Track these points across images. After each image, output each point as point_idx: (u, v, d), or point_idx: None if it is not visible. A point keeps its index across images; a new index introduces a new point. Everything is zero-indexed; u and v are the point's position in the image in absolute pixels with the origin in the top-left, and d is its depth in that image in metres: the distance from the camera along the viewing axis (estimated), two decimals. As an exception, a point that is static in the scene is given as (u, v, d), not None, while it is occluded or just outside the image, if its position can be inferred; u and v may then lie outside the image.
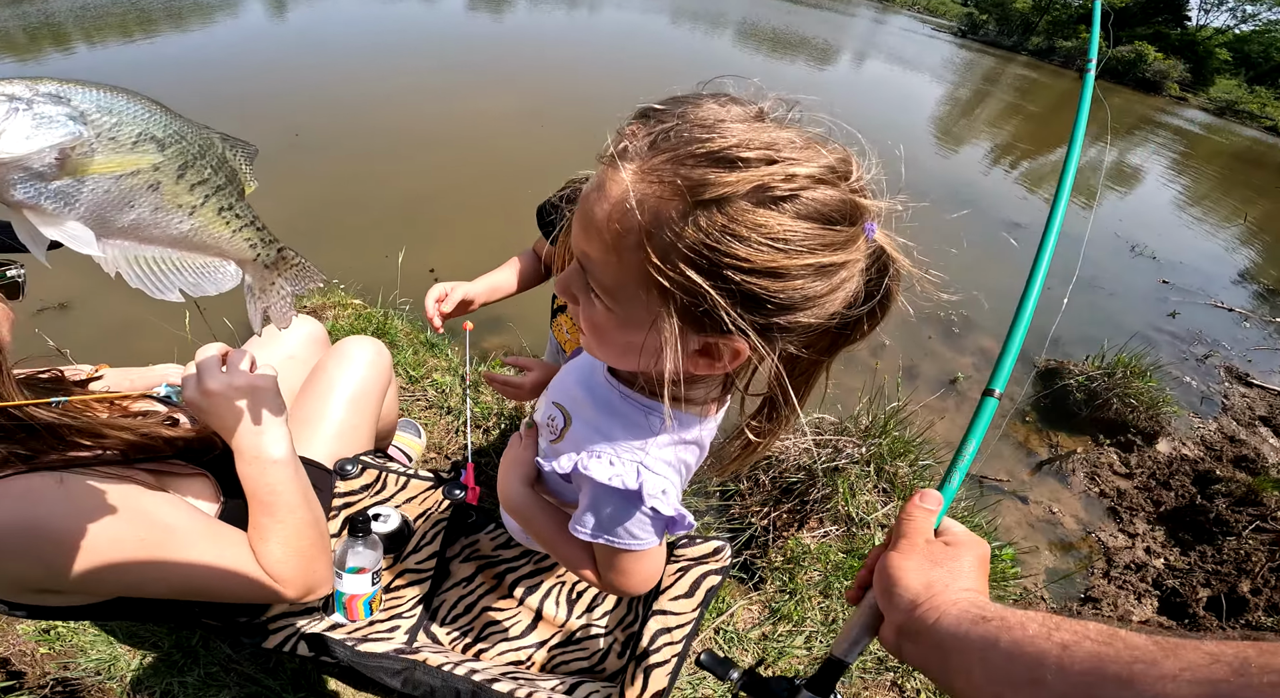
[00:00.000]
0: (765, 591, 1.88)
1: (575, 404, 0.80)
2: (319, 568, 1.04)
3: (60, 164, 0.44)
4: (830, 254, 0.53)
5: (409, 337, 2.54)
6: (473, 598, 1.33)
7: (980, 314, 3.96)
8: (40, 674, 1.54)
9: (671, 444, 0.73)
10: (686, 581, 1.24)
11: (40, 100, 0.43)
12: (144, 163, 0.48)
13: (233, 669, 1.55)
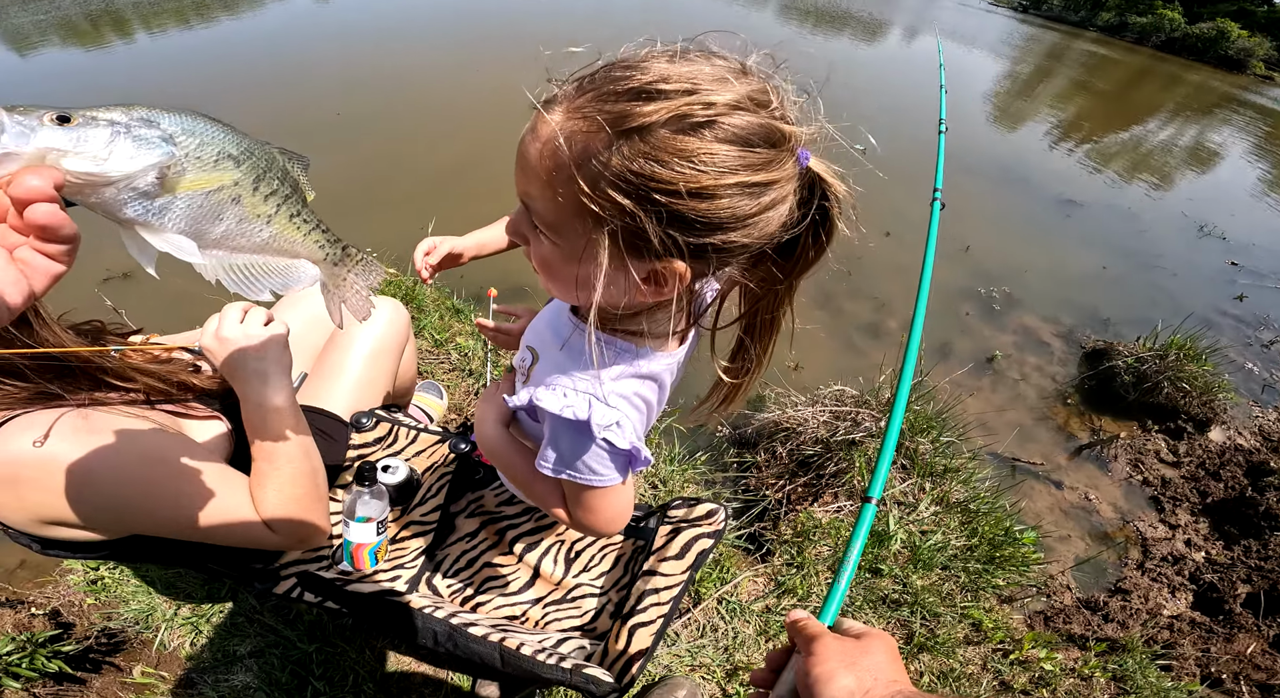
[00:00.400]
0: (772, 563, 1.89)
1: (542, 343, 0.83)
2: (313, 519, 1.07)
3: (160, 182, 0.50)
4: (752, 174, 0.56)
5: (436, 303, 2.62)
6: (474, 553, 1.37)
7: (1025, 292, 3.80)
8: (86, 626, 1.67)
9: (627, 377, 0.75)
10: (678, 542, 1.25)
11: (136, 125, 0.48)
12: (226, 179, 0.54)
13: (255, 620, 1.65)
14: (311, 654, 1.59)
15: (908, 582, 1.89)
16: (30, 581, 1.78)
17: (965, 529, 2.03)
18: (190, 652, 1.63)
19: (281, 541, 1.03)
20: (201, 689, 1.56)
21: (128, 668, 1.63)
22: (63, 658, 1.56)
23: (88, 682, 1.61)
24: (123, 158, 0.48)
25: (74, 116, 0.47)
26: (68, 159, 0.46)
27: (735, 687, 1.68)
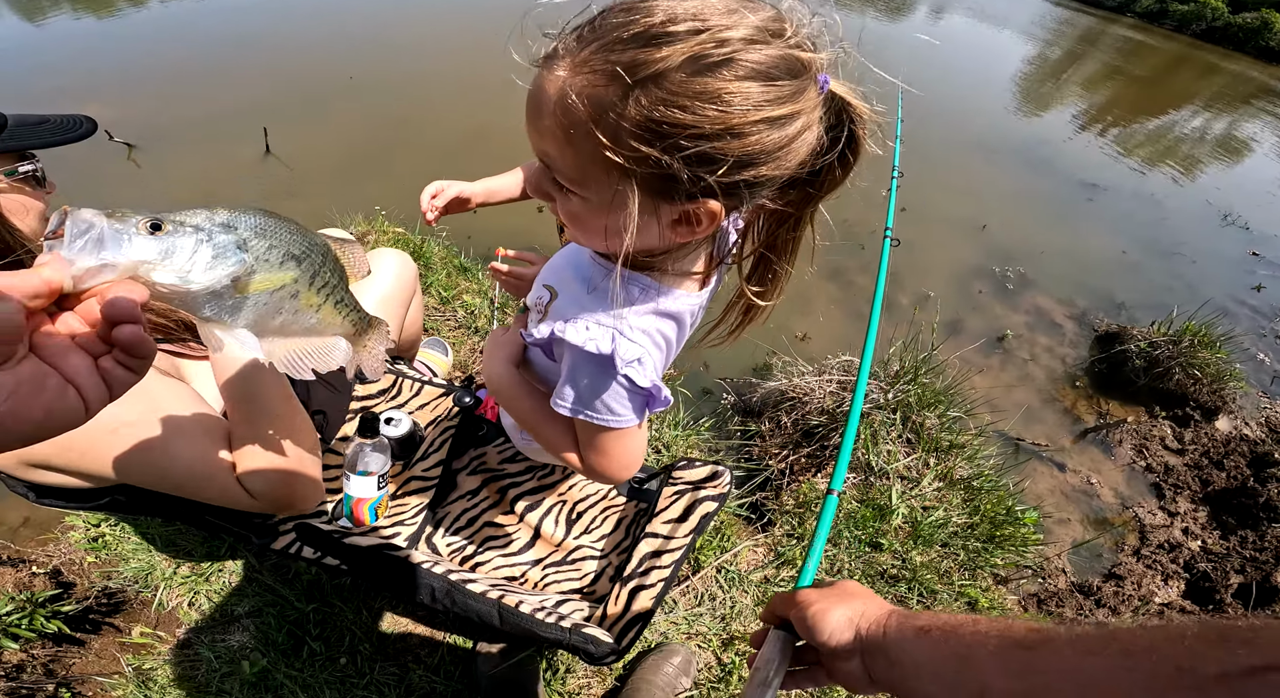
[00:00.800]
0: (773, 533, 1.88)
1: (562, 281, 0.81)
2: (298, 487, 1.01)
3: (233, 285, 0.54)
4: (777, 107, 0.55)
5: (444, 261, 2.61)
6: (475, 511, 1.36)
7: (1040, 272, 3.74)
8: (87, 586, 1.67)
9: (649, 314, 0.74)
10: (681, 504, 1.23)
11: (217, 231, 0.52)
12: (288, 278, 0.59)
13: (254, 580, 1.66)
14: (309, 614, 1.59)
15: (907, 558, 1.88)
16: (33, 538, 1.79)
17: (967, 507, 2.01)
18: (188, 612, 1.64)
19: (259, 505, 0.99)
20: (198, 650, 1.57)
21: (126, 629, 1.63)
22: (62, 618, 1.56)
23: (87, 643, 1.62)
24: (203, 269, 0.51)
25: (165, 224, 0.49)
26: (156, 272, 0.49)
27: (731, 656, 1.68)
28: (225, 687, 1.53)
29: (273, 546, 1.21)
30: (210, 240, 0.52)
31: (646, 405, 0.77)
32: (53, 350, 0.45)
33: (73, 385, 0.45)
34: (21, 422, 0.43)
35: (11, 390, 0.42)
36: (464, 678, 1.58)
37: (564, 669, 1.62)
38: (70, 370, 0.45)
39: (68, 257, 0.45)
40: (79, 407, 0.45)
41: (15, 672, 1.53)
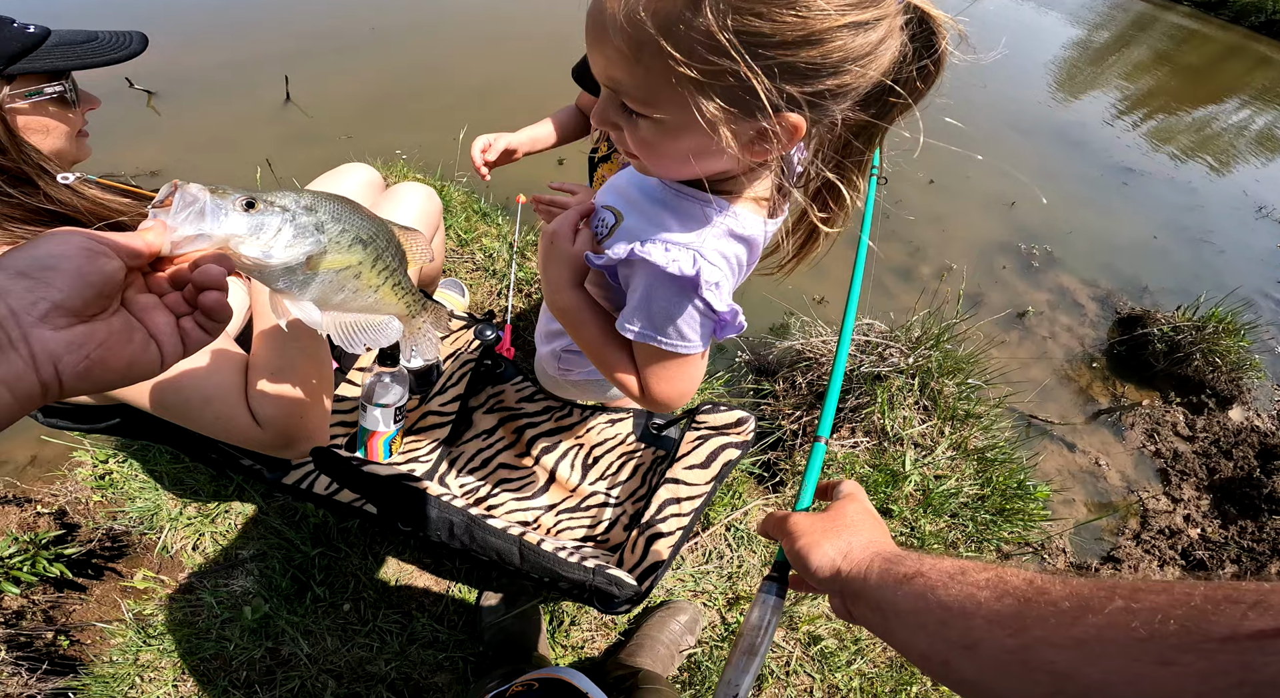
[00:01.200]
0: (783, 494, 1.86)
1: (628, 202, 0.78)
2: (309, 417, 0.99)
3: (306, 263, 0.59)
4: (859, 12, 0.52)
5: (463, 205, 2.57)
6: (490, 452, 1.34)
7: (1067, 252, 3.66)
8: (91, 528, 1.66)
9: (726, 236, 0.72)
10: (704, 450, 1.20)
11: (300, 213, 0.58)
12: (354, 260, 0.63)
13: (260, 522, 1.64)
14: (314, 559, 1.58)
15: (916, 525, 1.87)
16: (39, 477, 1.77)
17: (979, 478, 2.00)
18: (192, 556, 1.63)
19: (268, 438, 0.95)
20: (200, 595, 1.56)
21: (129, 573, 1.62)
22: (65, 562, 1.55)
23: (88, 588, 1.60)
24: (284, 246, 0.56)
25: (258, 203, 0.55)
26: (244, 246, 0.54)
27: (736, 615, 1.68)
28: (225, 633, 1.53)
29: (284, 479, 1.19)
30: (294, 221, 0.57)
31: (714, 331, 0.76)
32: (142, 306, 0.49)
33: (155, 340, 0.49)
34: (108, 371, 0.46)
35: (102, 340, 0.45)
36: (467, 628, 1.58)
37: (568, 622, 1.62)
38: (154, 326, 0.49)
39: (171, 225, 0.50)
40: (157, 360, 0.49)
41: (15, 618, 1.52)
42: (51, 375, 0.43)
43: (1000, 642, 0.41)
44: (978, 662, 0.42)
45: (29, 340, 0.42)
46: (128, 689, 1.49)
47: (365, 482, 0.96)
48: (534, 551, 1.00)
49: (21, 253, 0.43)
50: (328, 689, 1.49)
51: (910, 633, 0.48)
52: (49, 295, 0.43)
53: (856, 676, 1.65)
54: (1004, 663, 0.40)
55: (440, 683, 1.54)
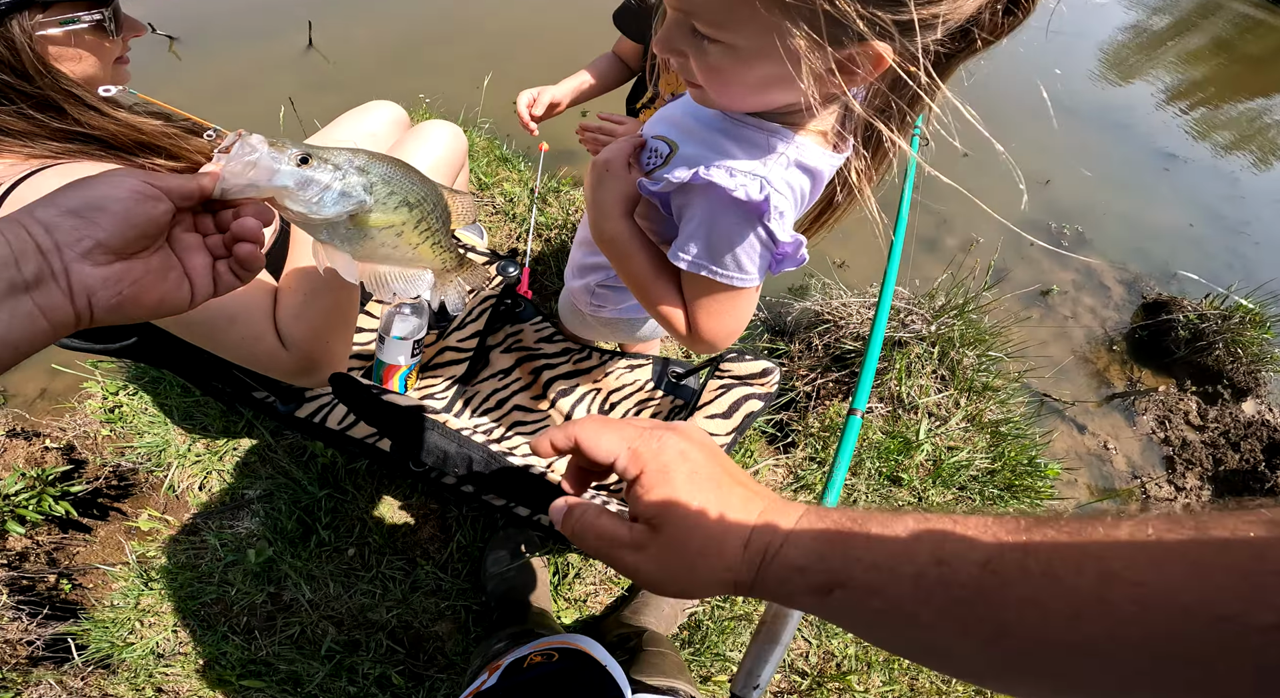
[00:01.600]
0: (794, 455, 1.84)
1: (683, 132, 0.75)
2: (332, 346, 0.97)
3: (350, 220, 0.61)
4: None
5: (485, 150, 2.53)
6: (506, 393, 1.30)
7: (1098, 234, 3.58)
8: (99, 465, 1.64)
9: (793, 166, 0.68)
10: (727, 400, 1.17)
11: (351, 173, 0.59)
12: (398, 220, 0.65)
13: (268, 460, 1.62)
14: (320, 501, 1.56)
15: (924, 496, 1.85)
16: (49, 410, 1.74)
17: (992, 452, 1.97)
18: (198, 495, 1.62)
19: (291, 362, 0.92)
20: (204, 536, 1.55)
21: (134, 513, 1.61)
22: (71, 500, 1.53)
23: (93, 529, 1.59)
24: (330, 203, 0.58)
25: (312, 158, 0.57)
26: (289, 199, 0.56)
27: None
28: (228, 577, 1.52)
29: (297, 413, 1.16)
30: (343, 180, 0.59)
31: (771, 265, 0.73)
32: (184, 245, 0.52)
33: (189, 279, 0.52)
34: (138, 305, 0.49)
35: (137, 278, 0.48)
36: (471, 577, 1.57)
37: (572, 575, 1.61)
38: (191, 266, 0.52)
39: (225, 172, 0.52)
40: (187, 298, 0.52)
41: (18, 560, 1.51)
42: (85, 307, 0.46)
43: (974, 647, 0.34)
44: (952, 665, 0.35)
45: (69, 274, 0.45)
46: (127, 635, 1.49)
47: (384, 412, 0.92)
48: (558, 492, 0.96)
49: (75, 191, 0.46)
50: (328, 636, 1.49)
51: (861, 633, 0.39)
52: (94, 234, 0.45)
53: (853, 644, 1.66)
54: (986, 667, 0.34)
55: (440, 632, 1.54)
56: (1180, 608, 0.27)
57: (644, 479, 0.44)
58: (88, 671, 1.46)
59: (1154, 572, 0.28)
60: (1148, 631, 0.27)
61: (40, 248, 0.44)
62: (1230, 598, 0.26)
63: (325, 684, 1.47)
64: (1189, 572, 0.27)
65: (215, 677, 1.46)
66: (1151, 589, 0.28)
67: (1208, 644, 0.26)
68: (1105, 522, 0.31)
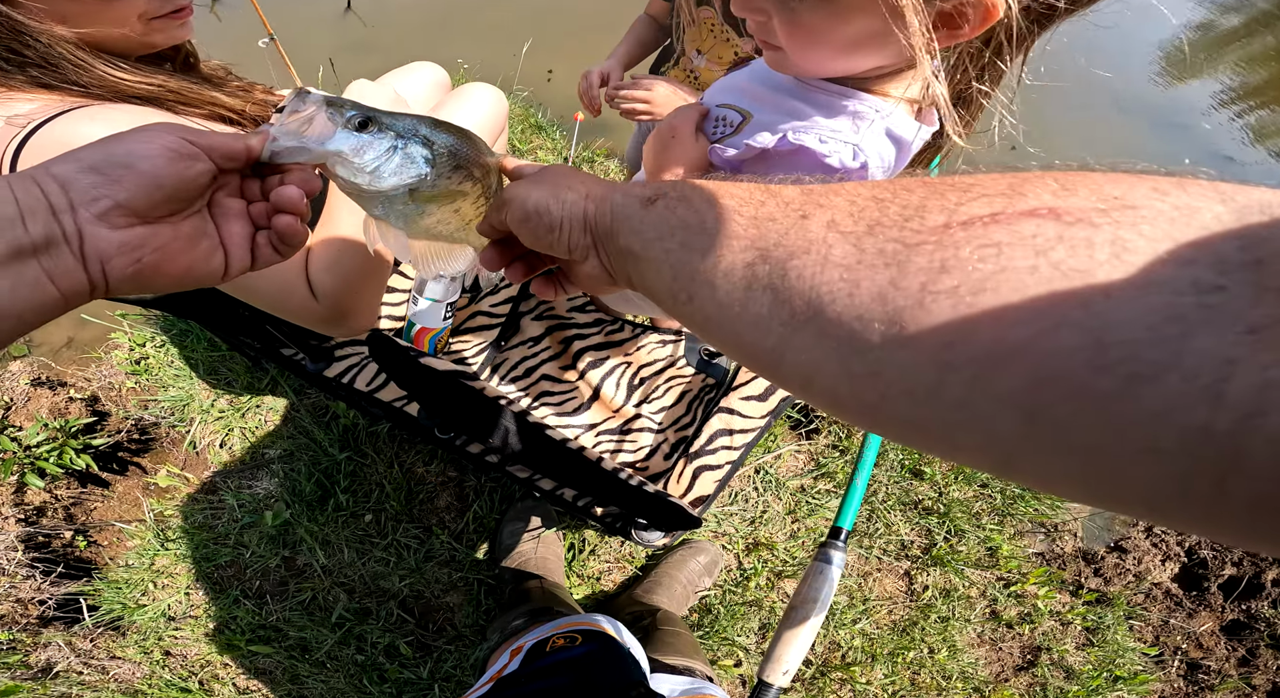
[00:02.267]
0: (817, 442, 1.81)
1: (755, 100, 0.70)
2: (364, 298, 0.95)
3: (409, 194, 0.55)
4: None
5: (520, 117, 2.51)
6: (535, 361, 1.27)
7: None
8: (121, 417, 1.62)
9: (884, 135, 0.64)
10: (762, 382, 1.13)
11: (414, 143, 0.53)
12: (458, 194, 0.59)
13: (291, 420, 1.60)
14: (340, 464, 1.53)
15: (945, 491, 1.83)
16: (75, 359, 1.71)
17: (1018, 452, 1.94)
18: (219, 453, 1.59)
19: (323, 312, 0.91)
20: (222, 496, 1.52)
21: (154, 469, 1.59)
22: (92, 453, 1.51)
23: (111, 484, 1.57)
24: (389, 174, 0.52)
25: (372, 122, 0.50)
26: (343, 167, 0.50)
27: (753, 562, 1.65)
28: (244, 539, 1.50)
29: (326, 372, 1.13)
30: (404, 149, 0.53)
31: None
32: (225, 210, 0.48)
33: (224, 248, 0.47)
34: (159, 275, 0.44)
35: (160, 245, 0.43)
36: (485, 549, 1.55)
37: (587, 552, 1.59)
38: (228, 235, 0.47)
39: (275, 131, 0.47)
40: (219, 270, 0.47)
41: (36, 515, 1.49)
42: (99, 274, 0.41)
43: (735, 260, 0.34)
44: (715, 290, 0.35)
45: (82, 237, 0.40)
46: (139, 596, 1.47)
47: (420, 375, 0.88)
48: (595, 466, 0.93)
49: (102, 145, 0.42)
50: (339, 603, 1.47)
51: (655, 264, 0.41)
52: (114, 194, 0.40)
53: (859, 635, 1.64)
54: (740, 284, 0.34)
55: (451, 603, 1.52)
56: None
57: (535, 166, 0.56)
58: (97, 632, 1.44)
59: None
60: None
61: (52, 207, 0.39)
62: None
63: (333, 652, 1.45)
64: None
65: (224, 641, 1.44)
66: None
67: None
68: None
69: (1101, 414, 0.21)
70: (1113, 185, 0.24)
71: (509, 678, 0.85)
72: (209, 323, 1.10)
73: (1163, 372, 0.20)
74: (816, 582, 0.67)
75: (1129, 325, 0.21)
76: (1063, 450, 0.23)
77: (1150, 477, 0.21)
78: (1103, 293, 0.22)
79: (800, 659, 0.66)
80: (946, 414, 0.26)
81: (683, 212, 0.39)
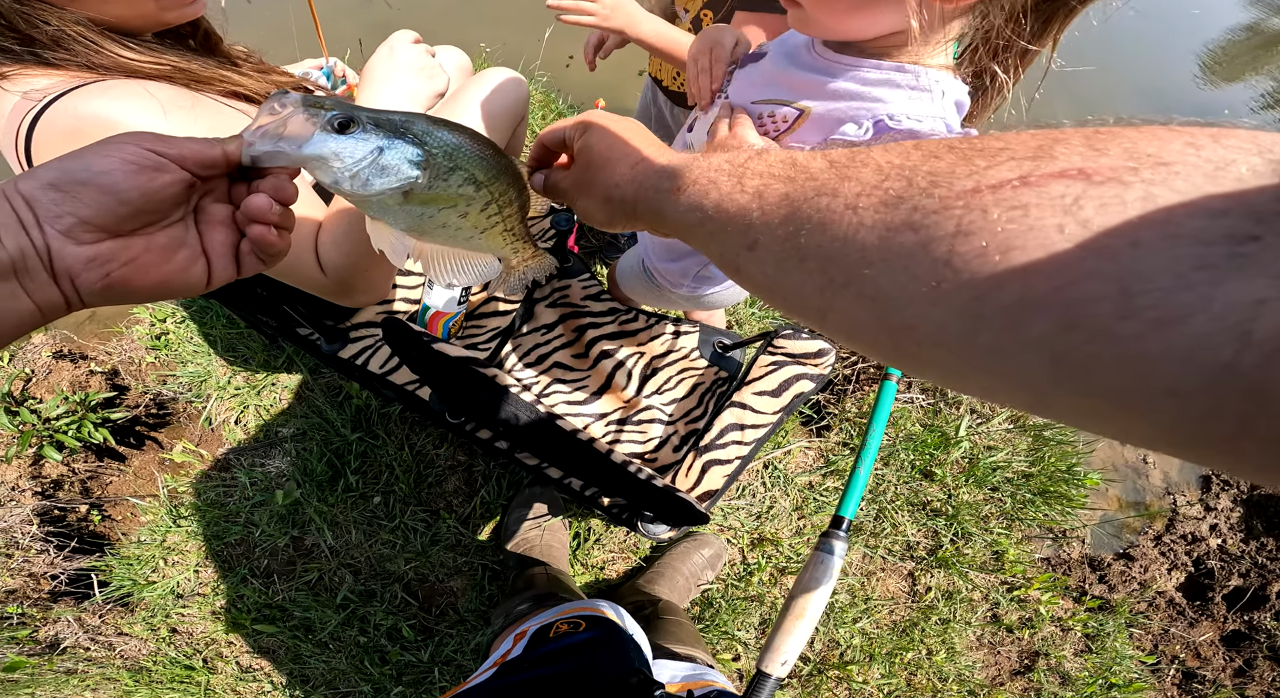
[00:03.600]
0: (827, 439, 1.79)
1: (797, 89, 0.69)
2: (370, 276, 0.95)
3: (404, 197, 0.52)
4: None
5: (541, 104, 2.51)
6: (547, 348, 1.26)
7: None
8: (140, 392, 1.63)
9: (954, 106, 0.63)
10: (777, 378, 1.12)
11: (400, 145, 0.49)
12: (461, 200, 0.57)
13: (305, 398, 1.60)
14: (352, 444, 1.54)
15: (954, 493, 1.81)
16: (96, 333, 1.72)
17: (1031, 456, 1.92)
18: (234, 430, 1.60)
19: (330, 286, 0.91)
20: (235, 473, 1.53)
21: (170, 444, 1.60)
22: (110, 427, 1.52)
23: (128, 459, 1.58)
24: (371, 179, 0.49)
25: (354, 123, 0.48)
26: (323, 171, 0.48)
27: (757, 557, 1.65)
28: (254, 518, 1.51)
29: (340, 353, 1.13)
30: (391, 151, 0.50)
31: None
32: (209, 217, 0.46)
33: (206, 258, 0.46)
34: (134, 289, 0.43)
35: (130, 258, 0.42)
36: (491, 535, 1.56)
37: (592, 541, 1.59)
38: (210, 244, 0.46)
39: (250, 135, 0.45)
40: (201, 280, 0.46)
41: (53, 488, 1.50)
42: (70, 290, 0.41)
43: (774, 233, 0.36)
44: (760, 261, 0.38)
45: (50, 252, 0.40)
46: (149, 573, 1.48)
47: (432, 361, 0.88)
48: (605, 459, 0.93)
49: (59, 162, 0.41)
50: (344, 584, 1.48)
51: (704, 241, 0.44)
52: (75, 210, 0.40)
53: (859, 634, 1.64)
54: (781, 256, 0.36)
55: (455, 587, 1.52)
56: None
57: (577, 130, 0.57)
58: (106, 608, 1.46)
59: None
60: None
61: (22, 222, 0.39)
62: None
63: (337, 633, 1.46)
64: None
65: (230, 620, 1.46)
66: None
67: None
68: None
69: (1126, 356, 0.22)
70: (1147, 141, 0.25)
71: (513, 663, 0.85)
72: (227, 300, 1.10)
73: (1189, 315, 0.20)
74: (817, 572, 0.67)
75: (1157, 274, 0.21)
76: (1090, 392, 0.24)
77: (1175, 415, 0.21)
78: (1130, 243, 0.22)
79: (799, 650, 0.66)
80: (979, 360, 0.27)
81: (715, 196, 0.41)
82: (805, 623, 0.65)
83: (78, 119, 0.71)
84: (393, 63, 0.90)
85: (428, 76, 0.92)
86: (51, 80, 0.72)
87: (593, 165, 0.53)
